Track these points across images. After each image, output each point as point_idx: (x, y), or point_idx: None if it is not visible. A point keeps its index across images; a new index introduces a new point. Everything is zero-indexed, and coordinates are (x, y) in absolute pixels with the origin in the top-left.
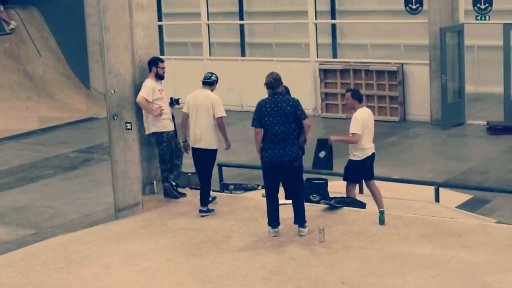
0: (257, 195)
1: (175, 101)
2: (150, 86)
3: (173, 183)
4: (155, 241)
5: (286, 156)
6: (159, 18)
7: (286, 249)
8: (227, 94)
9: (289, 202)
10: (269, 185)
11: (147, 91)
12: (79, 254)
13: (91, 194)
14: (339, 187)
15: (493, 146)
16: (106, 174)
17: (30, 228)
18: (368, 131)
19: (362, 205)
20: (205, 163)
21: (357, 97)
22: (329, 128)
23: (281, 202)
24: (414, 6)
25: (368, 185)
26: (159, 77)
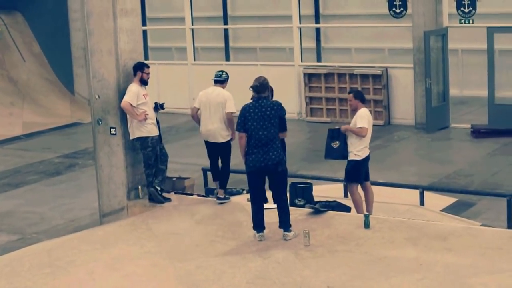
0: (242, 200)
1: (160, 106)
2: (135, 91)
3: (158, 188)
4: (140, 246)
5: (270, 161)
6: (143, 23)
7: (272, 253)
8: None
9: (274, 207)
10: (254, 190)
11: (132, 96)
12: (64, 260)
13: (76, 200)
14: (324, 191)
15: (478, 150)
16: (91, 179)
17: (15, 234)
18: (370, 130)
19: (347, 209)
20: (223, 155)
21: (360, 97)
22: (314, 133)
23: (266, 207)
24: (398, 10)
25: (364, 186)
26: (144, 83)
